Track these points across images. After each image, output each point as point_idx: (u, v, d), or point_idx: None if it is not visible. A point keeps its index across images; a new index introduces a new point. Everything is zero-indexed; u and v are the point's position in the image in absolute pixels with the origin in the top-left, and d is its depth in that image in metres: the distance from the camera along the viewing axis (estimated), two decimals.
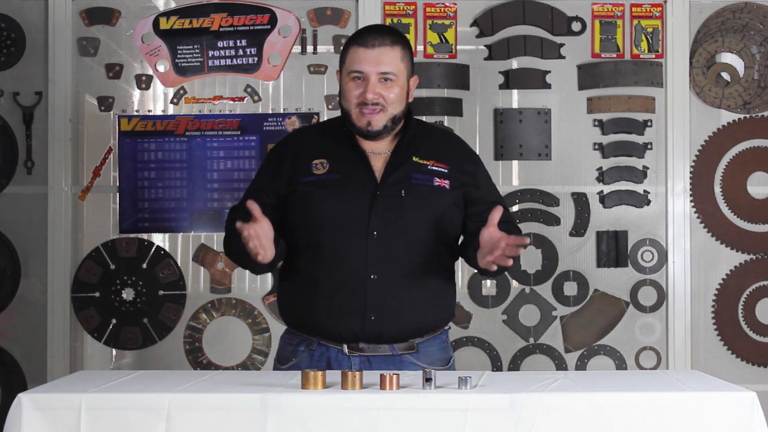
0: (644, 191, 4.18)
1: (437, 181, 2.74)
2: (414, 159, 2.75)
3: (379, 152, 2.76)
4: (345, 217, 2.68)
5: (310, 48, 4.18)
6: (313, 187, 2.72)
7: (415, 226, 2.69)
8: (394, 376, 2.25)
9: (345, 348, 2.70)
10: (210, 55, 4.16)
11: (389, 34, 2.76)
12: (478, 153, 3.15)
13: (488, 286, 4.19)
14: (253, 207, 2.54)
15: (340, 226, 2.68)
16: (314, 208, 2.70)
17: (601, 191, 4.18)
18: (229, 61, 4.17)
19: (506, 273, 4.13)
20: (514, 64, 4.21)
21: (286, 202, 2.76)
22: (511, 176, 4.21)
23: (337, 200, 2.69)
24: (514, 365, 4.16)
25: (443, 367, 2.78)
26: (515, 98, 4.22)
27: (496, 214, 2.55)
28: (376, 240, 2.67)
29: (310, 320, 2.73)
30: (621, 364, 4.16)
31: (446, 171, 2.76)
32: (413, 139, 2.79)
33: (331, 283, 2.68)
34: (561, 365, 4.16)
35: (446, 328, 2.85)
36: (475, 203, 2.79)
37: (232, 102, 4.19)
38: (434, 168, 2.76)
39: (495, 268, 2.60)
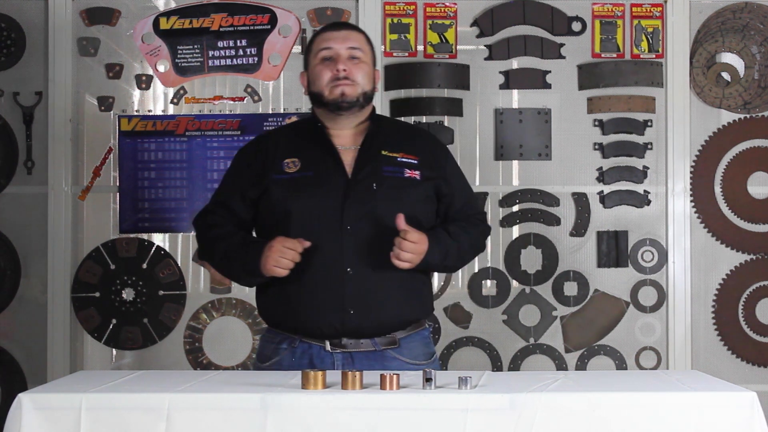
0: (644, 191, 4.18)
1: (408, 173, 2.78)
2: (383, 152, 2.79)
3: (348, 147, 2.80)
4: (318, 213, 2.71)
5: None
6: (285, 185, 2.75)
7: (388, 218, 2.70)
8: (395, 376, 2.26)
9: (327, 345, 2.71)
10: (210, 55, 4.16)
11: (352, 25, 2.91)
12: (478, 153, 3.17)
13: (488, 286, 4.18)
14: (305, 245, 2.65)
15: (314, 222, 2.70)
16: (288, 205, 2.73)
17: (602, 191, 4.18)
18: (229, 61, 4.17)
19: (506, 273, 4.15)
20: (514, 64, 4.21)
21: (259, 201, 2.79)
22: (511, 176, 4.21)
23: (310, 197, 2.72)
24: (514, 365, 4.16)
25: (426, 361, 2.80)
26: (515, 98, 4.22)
27: (399, 221, 2.63)
28: (350, 234, 2.69)
29: (291, 318, 2.74)
30: (621, 364, 4.16)
31: (416, 162, 2.80)
32: (379, 133, 2.83)
33: (309, 280, 2.70)
34: (561, 365, 4.16)
35: (427, 325, 2.87)
36: (445, 198, 2.84)
37: (232, 102, 4.19)
38: (404, 160, 2.80)
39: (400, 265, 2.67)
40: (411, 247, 2.63)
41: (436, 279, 4.13)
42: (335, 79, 2.74)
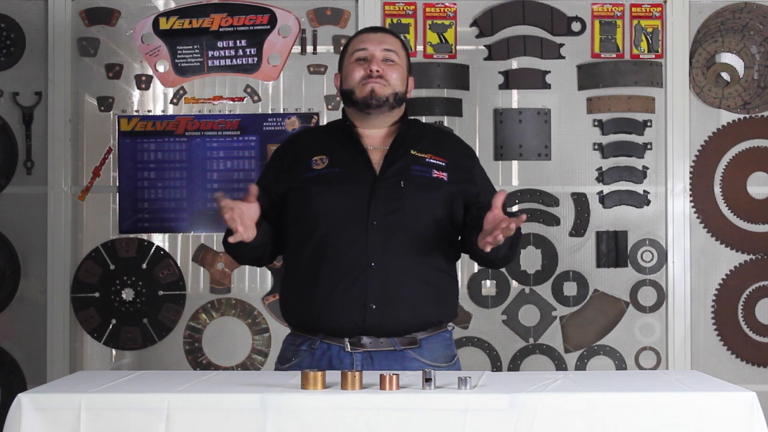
0: (644, 191, 4.19)
1: (435, 173, 2.78)
2: (412, 152, 2.80)
3: (377, 147, 2.80)
4: (345, 208, 2.71)
5: (309, 48, 4.19)
6: (313, 182, 2.75)
7: (414, 216, 2.71)
8: (394, 376, 2.26)
9: (347, 344, 2.70)
10: (210, 55, 4.16)
11: (390, 30, 2.91)
12: (477, 153, 3.17)
13: (488, 286, 4.18)
14: (252, 189, 2.59)
15: (340, 217, 2.70)
16: (314, 201, 2.73)
17: (601, 191, 4.19)
18: (228, 61, 4.17)
19: (506, 273, 4.15)
20: (514, 64, 4.21)
21: (287, 198, 2.79)
22: (510, 176, 4.21)
23: (337, 193, 2.73)
24: (514, 365, 4.16)
25: (447, 363, 2.79)
26: (515, 98, 4.22)
27: (500, 197, 2.57)
28: (376, 229, 2.69)
29: (311, 315, 2.73)
30: (621, 364, 4.16)
31: (444, 164, 2.80)
32: (410, 135, 2.84)
33: (332, 275, 2.69)
34: (561, 365, 4.16)
35: (449, 327, 2.85)
36: (473, 199, 2.82)
37: (231, 102, 4.19)
38: (432, 161, 2.80)
39: (489, 249, 2.58)
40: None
41: None
42: (367, 77, 2.76)
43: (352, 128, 2.82)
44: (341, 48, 2.90)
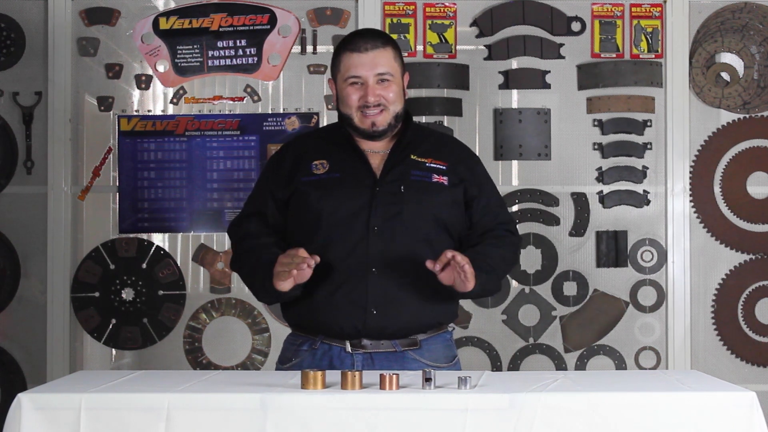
0: (644, 191, 4.19)
1: (435, 178, 2.77)
2: (412, 157, 2.79)
3: (377, 151, 2.79)
4: (346, 213, 2.71)
5: (309, 48, 4.19)
6: (313, 186, 2.75)
7: (415, 221, 2.71)
8: (394, 376, 2.26)
9: (348, 345, 2.71)
10: (210, 55, 4.16)
11: (378, 36, 2.82)
12: (477, 153, 3.17)
13: None
14: (312, 261, 2.58)
15: (341, 222, 2.70)
16: (315, 206, 2.73)
17: (601, 191, 4.19)
18: (228, 61, 4.17)
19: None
20: (514, 64, 4.21)
21: (288, 203, 2.79)
22: (510, 176, 4.21)
23: (337, 197, 2.73)
24: (514, 365, 4.16)
25: (447, 364, 2.79)
26: (515, 98, 4.22)
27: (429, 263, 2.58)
28: (376, 234, 2.69)
29: (312, 318, 2.73)
30: (621, 364, 4.16)
31: (444, 168, 2.79)
32: (411, 140, 2.83)
33: (333, 279, 2.70)
34: (561, 365, 4.16)
35: (449, 328, 2.85)
36: (473, 203, 2.81)
37: (231, 102, 4.19)
38: (432, 165, 2.79)
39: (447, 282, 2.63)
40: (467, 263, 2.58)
41: None
42: (365, 106, 2.73)
43: (350, 136, 2.81)
44: (332, 54, 2.86)
